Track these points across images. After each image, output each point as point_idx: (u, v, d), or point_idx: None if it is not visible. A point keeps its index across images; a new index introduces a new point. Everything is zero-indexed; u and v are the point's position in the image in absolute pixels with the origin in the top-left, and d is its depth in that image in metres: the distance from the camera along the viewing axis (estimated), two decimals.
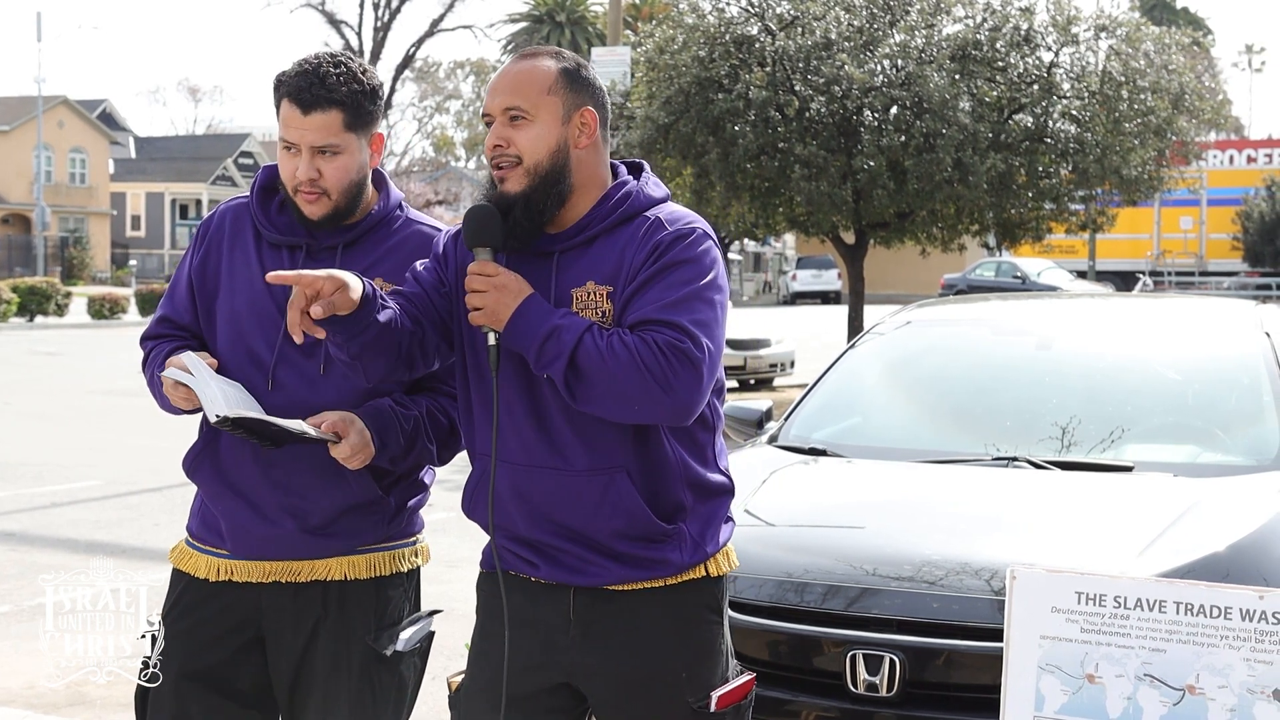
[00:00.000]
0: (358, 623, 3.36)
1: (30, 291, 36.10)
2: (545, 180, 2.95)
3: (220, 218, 3.45)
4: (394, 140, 64.10)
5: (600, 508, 2.94)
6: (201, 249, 3.44)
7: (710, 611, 3.06)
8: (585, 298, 2.94)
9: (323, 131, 3.24)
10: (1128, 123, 17.74)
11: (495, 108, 2.98)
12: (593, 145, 3.01)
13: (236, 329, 3.34)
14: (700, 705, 3.01)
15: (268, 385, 3.27)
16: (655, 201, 3.03)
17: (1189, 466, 5.05)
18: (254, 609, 3.37)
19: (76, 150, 67.21)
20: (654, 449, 2.97)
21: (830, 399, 5.87)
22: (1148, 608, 2.73)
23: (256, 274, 3.32)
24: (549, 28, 66.24)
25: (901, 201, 17.53)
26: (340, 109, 3.25)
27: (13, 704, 5.89)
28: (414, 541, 3.50)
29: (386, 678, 3.38)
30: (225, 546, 3.38)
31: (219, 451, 3.36)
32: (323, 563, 3.35)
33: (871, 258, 20.01)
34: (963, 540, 4.38)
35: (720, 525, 3.10)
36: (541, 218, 2.96)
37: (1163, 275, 43.67)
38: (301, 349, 3.27)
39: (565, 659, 3.02)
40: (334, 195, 3.27)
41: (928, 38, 17.65)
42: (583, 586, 3.00)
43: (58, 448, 14.13)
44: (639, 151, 18.31)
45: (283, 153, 3.30)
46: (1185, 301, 7.05)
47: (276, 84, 3.29)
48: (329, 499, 3.30)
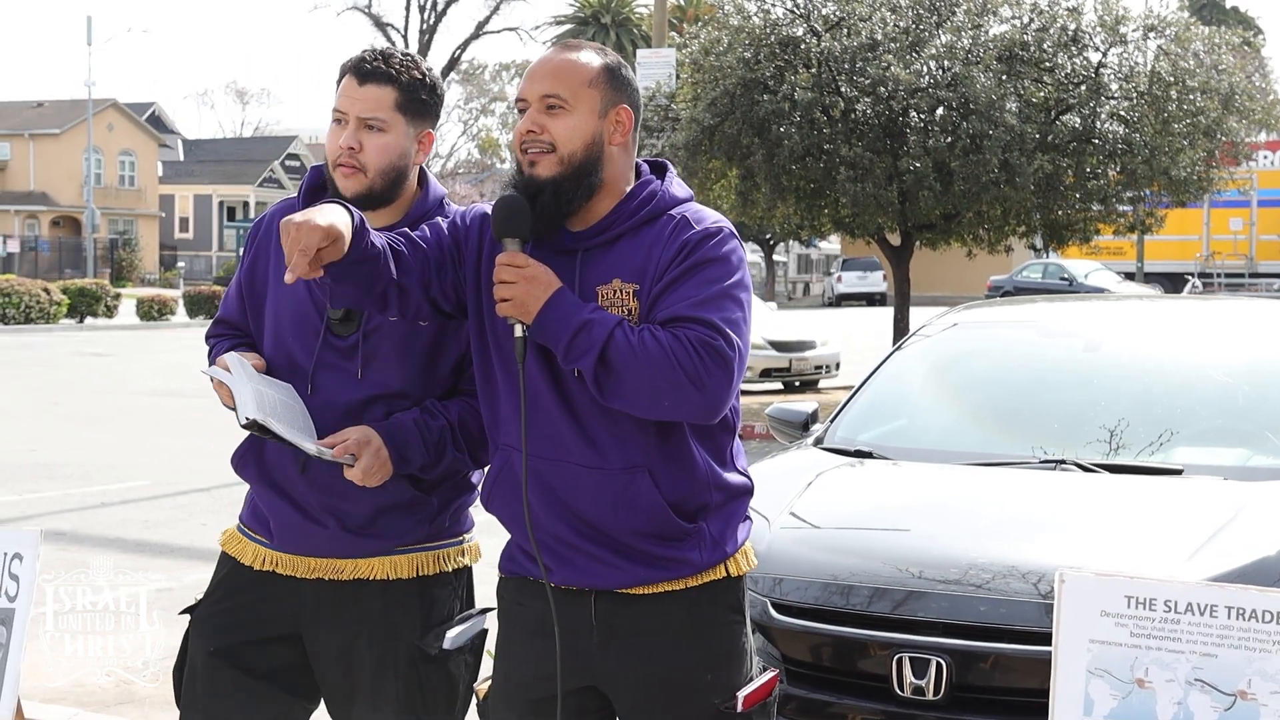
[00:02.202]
0: (402, 623, 3.36)
1: (80, 293, 36.41)
2: (578, 170, 2.93)
3: (269, 220, 3.46)
4: (440, 142, 64.31)
5: (621, 504, 2.92)
6: (251, 252, 3.47)
7: (732, 612, 3.05)
8: (611, 295, 2.93)
9: (373, 104, 3.25)
10: (1176, 123, 17.60)
11: (533, 94, 2.95)
12: (625, 144, 3.00)
13: (278, 331, 3.36)
14: (727, 706, 2.99)
15: (307, 390, 3.29)
16: (679, 201, 3.02)
17: (1239, 469, 5.01)
18: (294, 605, 3.39)
19: (126, 153, 67.80)
20: (677, 448, 2.96)
21: (876, 401, 5.85)
22: (1198, 612, 2.70)
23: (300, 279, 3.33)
24: (594, 29, 66.32)
25: (948, 203, 17.45)
26: (395, 87, 3.27)
27: (62, 701, 5.94)
28: (461, 541, 3.48)
29: (436, 677, 3.38)
30: (271, 539, 3.40)
31: (263, 450, 3.38)
32: (365, 562, 3.35)
33: (917, 259, 19.93)
34: (1010, 543, 4.35)
35: (739, 524, 3.08)
36: (569, 207, 2.94)
37: (1212, 277, 43.30)
38: (340, 351, 3.28)
39: (589, 663, 3.01)
40: (370, 173, 3.26)
41: (974, 38, 17.57)
42: (603, 590, 2.98)
43: (106, 448, 14.24)
44: (684, 153, 18.30)
45: (332, 127, 3.31)
46: (1235, 303, 6.98)
47: (340, 68, 3.33)
48: (366, 500, 3.30)
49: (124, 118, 68.05)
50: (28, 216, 65.19)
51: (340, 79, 3.32)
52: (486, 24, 59.15)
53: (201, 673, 3.40)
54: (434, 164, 54.58)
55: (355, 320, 3.29)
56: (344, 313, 3.28)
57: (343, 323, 3.29)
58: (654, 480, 2.93)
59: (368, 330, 3.29)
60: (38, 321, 34.18)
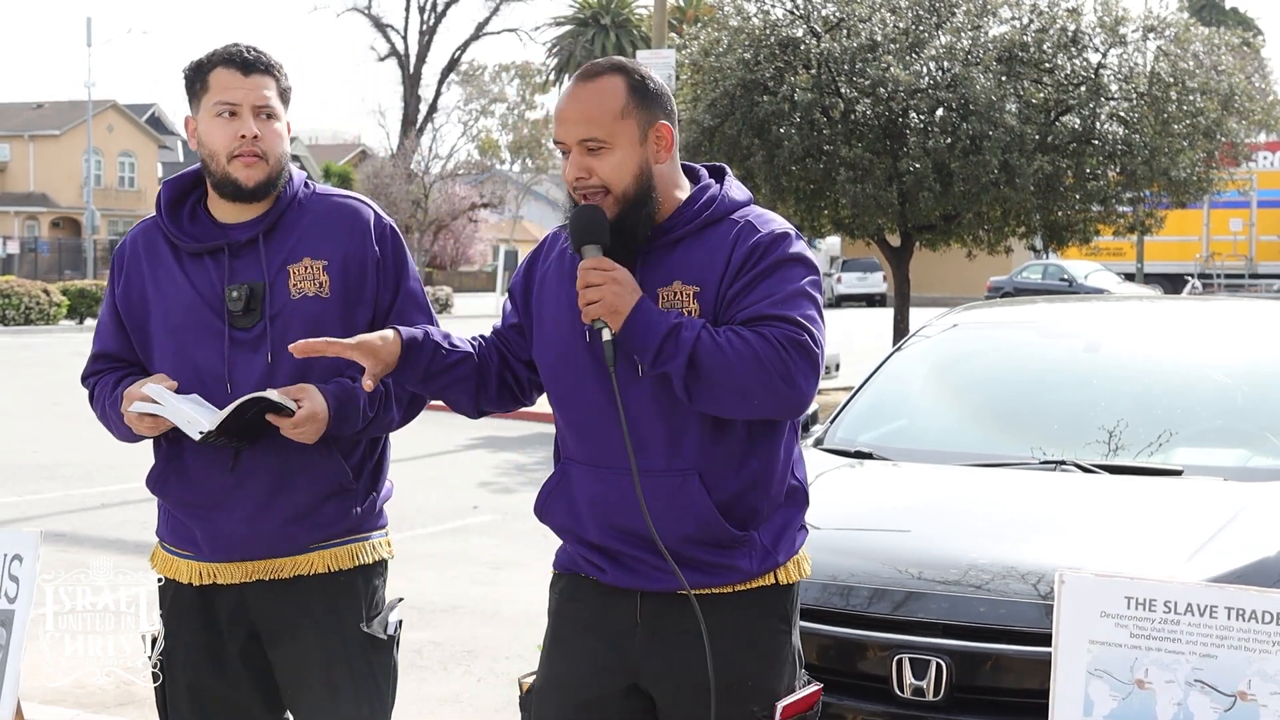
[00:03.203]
0: (350, 613, 3.41)
1: (80, 294, 36.41)
2: (634, 203, 2.93)
3: (132, 243, 3.49)
4: (439, 144, 64.34)
5: (671, 510, 2.92)
6: (121, 279, 3.47)
7: (779, 620, 3.04)
8: (671, 297, 2.93)
9: (263, 93, 3.32)
10: (1176, 124, 17.61)
11: (570, 138, 2.94)
12: (671, 158, 3.01)
13: (179, 343, 3.36)
14: (764, 715, 2.99)
15: (226, 389, 3.30)
16: (740, 204, 3.02)
17: (1239, 470, 5.01)
18: (243, 609, 3.42)
19: (125, 154, 67.81)
20: (729, 451, 2.94)
21: (876, 402, 5.85)
22: (1198, 613, 2.70)
23: (185, 288, 3.36)
24: (594, 30, 66.26)
25: (947, 204, 17.45)
26: (273, 76, 3.36)
27: (62, 703, 5.93)
28: (385, 532, 3.55)
29: (384, 661, 3.45)
30: (202, 552, 3.41)
31: (185, 465, 3.40)
32: (304, 558, 3.39)
33: (917, 260, 19.93)
34: (1010, 544, 4.35)
35: (794, 534, 3.07)
36: (635, 240, 2.94)
37: (1212, 278, 43.26)
38: (247, 344, 3.31)
39: (633, 662, 3.01)
40: (270, 160, 3.33)
41: (974, 39, 17.57)
42: (649, 591, 2.99)
43: (106, 448, 14.19)
44: (684, 154, 18.26)
45: (216, 121, 3.33)
46: (1235, 304, 6.98)
47: (197, 65, 3.36)
48: (299, 491, 3.34)
49: (124, 119, 68.05)
50: (27, 218, 65.19)
51: (203, 74, 3.34)
52: (486, 25, 59.26)
53: (186, 705, 3.48)
54: (434, 165, 54.46)
55: (257, 309, 3.32)
56: (244, 304, 3.31)
57: (245, 315, 3.32)
58: (704, 484, 2.93)
59: (273, 315, 3.31)
60: (38, 322, 34.19)
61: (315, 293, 3.32)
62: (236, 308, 3.31)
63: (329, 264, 3.35)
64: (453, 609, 7.73)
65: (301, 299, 3.31)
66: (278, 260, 3.34)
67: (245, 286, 3.32)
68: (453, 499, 11.36)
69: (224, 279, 3.33)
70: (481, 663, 6.83)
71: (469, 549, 9.39)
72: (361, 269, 3.37)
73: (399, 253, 3.45)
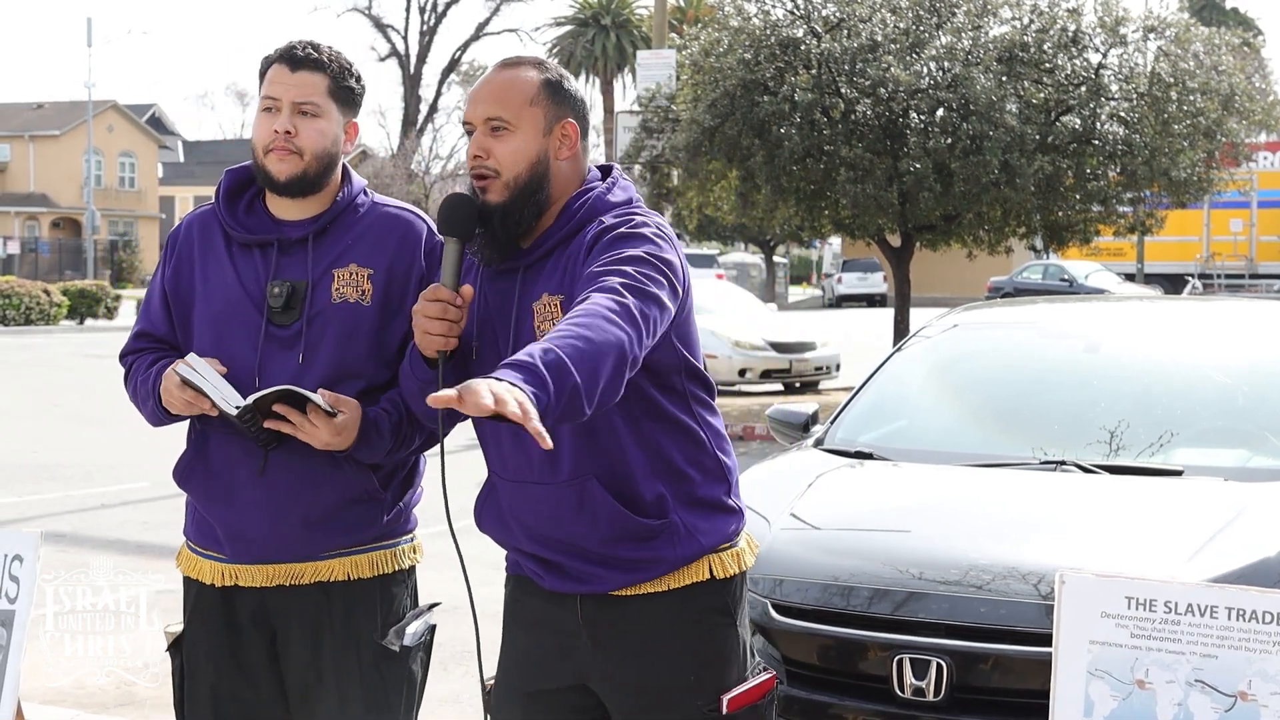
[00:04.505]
0: (365, 622, 3.39)
1: (80, 294, 36.40)
2: (524, 191, 2.93)
3: (188, 228, 3.48)
4: (440, 144, 64.37)
5: (581, 516, 2.92)
6: (173, 261, 3.47)
7: (719, 614, 3.02)
8: (543, 310, 2.92)
9: (307, 89, 3.30)
10: (1177, 124, 17.60)
11: (476, 117, 2.96)
12: (573, 158, 2.99)
13: (218, 333, 3.36)
14: (710, 709, 2.98)
15: (255, 383, 3.29)
16: (612, 206, 2.97)
17: (1239, 470, 5.01)
18: (263, 612, 3.41)
19: (126, 154, 67.78)
20: (609, 447, 2.91)
21: (877, 402, 5.85)
22: (1199, 613, 2.70)
23: (231, 277, 3.36)
24: (594, 31, 66.24)
25: (948, 204, 17.45)
26: (326, 74, 3.32)
27: (62, 703, 5.94)
28: (412, 538, 3.53)
29: (397, 675, 3.41)
30: (224, 551, 3.40)
31: (210, 457, 3.38)
32: (325, 564, 3.37)
33: (917, 260, 19.92)
34: (1010, 544, 4.36)
35: (719, 517, 3.01)
36: (518, 229, 2.94)
37: (1212, 278, 43.26)
38: (282, 341, 3.31)
39: (579, 663, 3.03)
40: (306, 156, 3.30)
41: (974, 39, 17.57)
42: (588, 594, 3.00)
43: (106, 449, 14.24)
44: (684, 155, 18.32)
45: (262, 115, 3.35)
46: (1235, 304, 6.98)
47: (263, 60, 3.37)
48: (324, 493, 3.32)
49: (124, 119, 68.03)
50: (28, 218, 65.20)
51: (265, 70, 3.36)
52: (487, 25, 59.31)
53: (206, 707, 3.45)
54: (435, 165, 54.49)
55: (297, 307, 3.31)
56: (284, 301, 3.30)
57: (284, 312, 3.32)
58: (603, 486, 2.91)
59: (311, 316, 3.31)
60: (38, 323, 34.18)
61: (356, 299, 3.31)
62: (277, 304, 3.31)
63: (374, 273, 3.33)
64: (453, 609, 7.68)
65: (342, 303, 3.30)
66: (325, 262, 3.33)
67: (288, 284, 3.31)
68: (453, 499, 11.36)
69: (269, 273, 3.33)
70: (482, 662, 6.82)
71: (469, 549, 9.37)
72: (405, 281, 3.34)
73: None
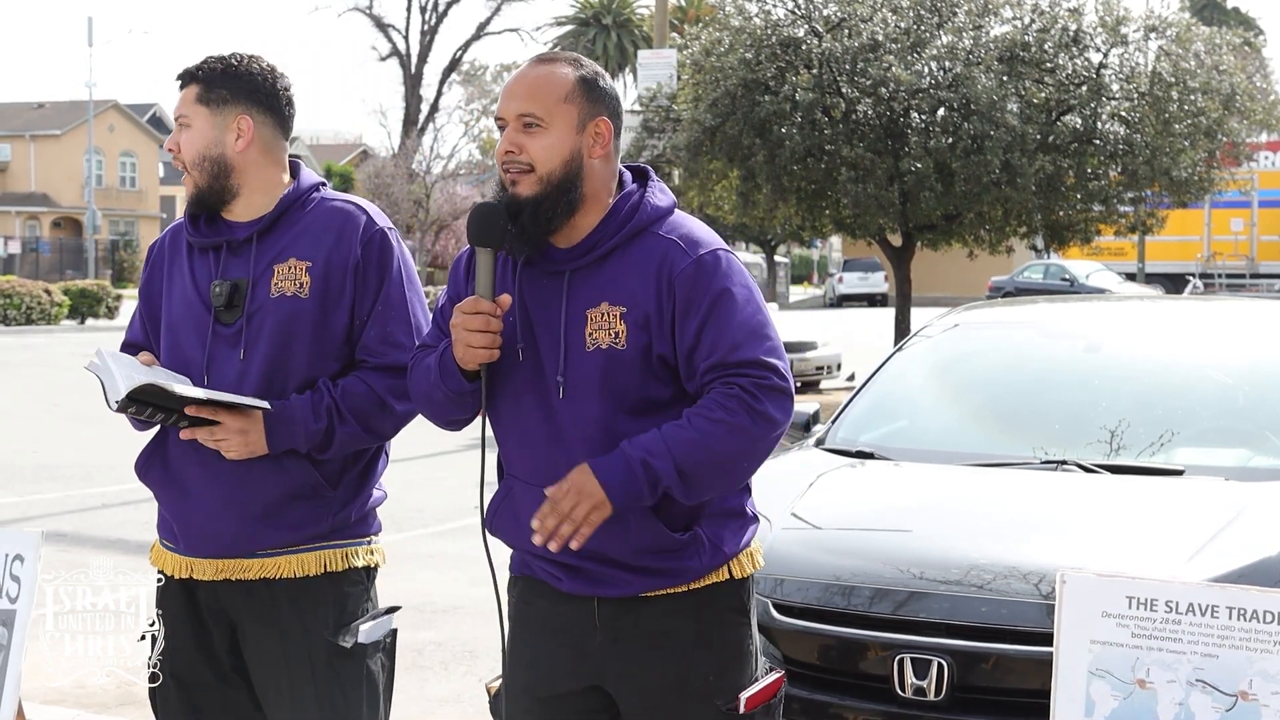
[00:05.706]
0: (315, 619, 3.40)
1: (81, 294, 36.41)
2: (557, 188, 2.91)
3: (162, 240, 3.58)
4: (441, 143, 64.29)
5: (613, 527, 2.91)
6: (148, 271, 3.58)
7: (736, 613, 3.04)
8: (599, 319, 2.92)
9: (181, 104, 3.38)
10: (1178, 124, 17.60)
11: (509, 112, 2.95)
12: (605, 156, 2.98)
13: (174, 336, 3.44)
14: (729, 708, 2.99)
15: (204, 382, 3.34)
16: (663, 213, 2.99)
17: (1240, 470, 5.01)
18: (220, 605, 3.44)
19: (127, 154, 67.77)
20: None
21: (878, 402, 5.85)
22: (1199, 613, 2.70)
23: (188, 281, 3.43)
24: (595, 30, 66.28)
25: (949, 203, 17.45)
26: (195, 83, 3.39)
27: (63, 703, 5.94)
28: (369, 540, 3.52)
29: (353, 672, 3.42)
30: (179, 545, 3.46)
31: (167, 450, 3.45)
32: (271, 560, 3.39)
33: (918, 260, 19.92)
34: (1011, 544, 4.35)
35: (740, 525, 3.06)
36: (550, 225, 2.93)
37: (1213, 277, 43.24)
38: (227, 340, 3.35)
39: (595, 664, 3.02)
40: (189, 168, 3.38)
41: (975, 39, 17.57)
42: (606, 597, 3.00)
43: (106, 449, 14.23)
44: (685, 154, 18.32)
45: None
46: (1235, 304, 6.98)
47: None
48: (268, 489, 3.35)
49: (125, 119, 68.01)
50: (29, 218, 65.19)
51: None
52: (488, 25, 59.24)
53: (174, 697, 3.49)
54: (435, 165, 54.44)
55: (239, 305, 3.35)
56: (226, 299, 3.35)
57: (228, 310, 3.36)
58: None
59: (251, 312, 3.35)
60: (39, 323, 34.19)
61: (294, 292, 3.34)
62: (219, 302, 3.37)
63: (313, 265, 3.35)
64: (454, 609, 7.73)
65: (279, 298, 3.34)
66: (266, 259, 3.37)
67: (229, 283, 3.37)
68: (453, 499, 11.36)
69: (218, 274, 3.40)
70: (483, 663, 6.83)
71: (469, 549, 9.37)
72: (342, 273, 3.36)
73: (384, 259, 3.40)
